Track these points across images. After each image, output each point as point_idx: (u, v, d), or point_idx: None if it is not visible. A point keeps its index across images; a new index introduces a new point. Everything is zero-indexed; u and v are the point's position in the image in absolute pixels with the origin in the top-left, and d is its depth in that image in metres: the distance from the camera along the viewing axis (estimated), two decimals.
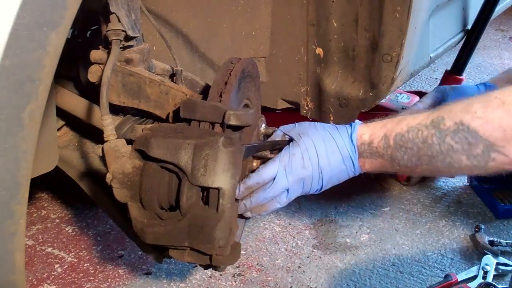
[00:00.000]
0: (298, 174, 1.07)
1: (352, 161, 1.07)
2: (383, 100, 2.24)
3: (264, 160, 1.12)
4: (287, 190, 1.09)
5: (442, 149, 0.98)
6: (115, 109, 1.29)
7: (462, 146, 0.96)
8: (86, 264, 1.95)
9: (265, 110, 1.52)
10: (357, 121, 1.11)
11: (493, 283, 1.78)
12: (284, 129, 1.15)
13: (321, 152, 1.07)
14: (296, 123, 1.14)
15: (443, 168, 1.00)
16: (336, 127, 1.11)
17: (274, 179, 1.08)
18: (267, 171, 1.08)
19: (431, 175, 1.05)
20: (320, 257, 1.99)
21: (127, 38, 1.17)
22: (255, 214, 1.14)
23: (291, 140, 1.12)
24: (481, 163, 0.96)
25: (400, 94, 2.49)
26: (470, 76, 3.43)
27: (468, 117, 0.95)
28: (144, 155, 1.04)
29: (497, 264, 1.86)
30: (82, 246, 2.05)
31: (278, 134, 1.17)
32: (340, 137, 1.08)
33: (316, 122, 1.13)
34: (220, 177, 0.98)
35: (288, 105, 1.81)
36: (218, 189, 0.98)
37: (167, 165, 1.02)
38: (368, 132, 1.08)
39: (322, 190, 1.12)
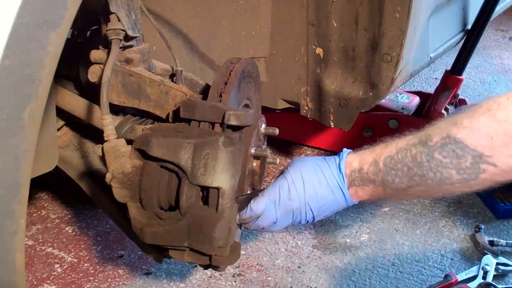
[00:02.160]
0: (285, 206, 1.08)
1: (342, 191, 1.06)
2: (383, 100, 2.24)
3: (254, 195, 1.14)
4: (276, 221, 1.11)
5: (432, 166, 0.96)
6: (115, 109, 1.29)
7: (450, 160, 0.94)
8: (86, 264, 1.95)
9: (265, 110, 1.52)
10: (345, 149, 1.11)
11: (493, 283, 1.78)
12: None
13: (308, 184, 1.06)
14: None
15: (436, 187, 0.98)
16: (325, 158, 1.10)
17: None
18: (257, 207, 1.10)
19: (427, 196, 1.03)
20: (320, 257, 1.99)
21: (127, 38, 1.17)
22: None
23: (281, 173, 1.13)
24: (471, 176, 0.93)
25: (400, 94, 2.49)
26: (470, 76, 3.43)
27: (454, 129, 0.94)
28: (144, 155, 1.04)
29: (497, 264, 1.86)
30: (82, 246, 2.05)
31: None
32: (328, 167, 1.07)
33: (308, 157, 1.14)
34: (220, 177, 0.98)
35: (288, 105, 1.81)
36: (218, 188, 0.98)
37: (167, 165, 1.02)
38: (357, 159, 1.07)
39: (315, 220, 1.11)
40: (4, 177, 0.77)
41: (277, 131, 1.23)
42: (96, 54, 1.22)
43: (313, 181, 1.06)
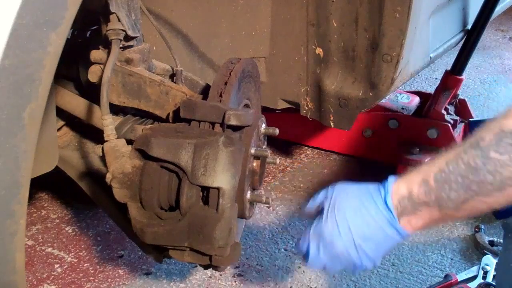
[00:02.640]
0: (331, 252, 1.00)
1: (393, 226, 0.96)
2: (383, 100, 2.24)
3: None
4: (325, 266, 1.03)
5: (489, 168, 0.86)
6: (115, 109, 1.29)
7: (509, 156, 0.85)
8: (86, 264, 1.95)
9: (265, 110, 1.52)
10: (390, 178, 0.99)
11: (493, 283, 1.78)
12: (318, 199, 1.07)
13: (354, 226, 0.97)
14: (330, 188, 1.05)
15: (498, 192, 0.87)
16: (369, 191, 0.99)
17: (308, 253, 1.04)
18: (301, 245, 1.05)
19: (490, 207, 0.92)
20: None
21: (127, 38, 1.17)
22: None
23: (323, 209, 1.04)
24: None
25: (400, 94, 2.49)
26: (470, 76, 3.43)
27: (507, 121, 0.86)
28: (144, 155, 1.04)
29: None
30: (82, 246, 2.05)
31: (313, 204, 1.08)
32: (373, 203, 0.97)
33: (349, 187, 1.03)
34: (220, 177, 0.98)
35: (288, 105, 1.81)
36: (218, 188, 0.98)
37: (167, 165, 1.02)
38: (404, 184, 0.96)
39: (376, 262, 1.01)
40: (4, 177, 0.77)
41: (277, 131, 1.22)
42: (96, 54, 1.22)
43: (359, 222, 0.97)
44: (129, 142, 1.09)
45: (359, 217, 0.97)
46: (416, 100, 2.47)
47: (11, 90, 0.74)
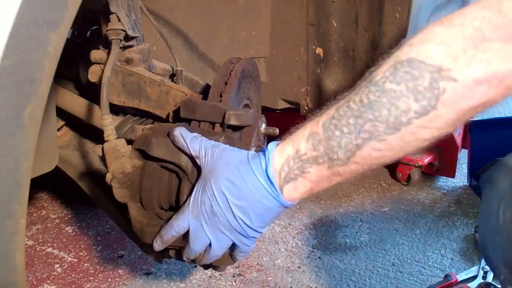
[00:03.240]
0: (213, 224, 0.90)
1: (276, 199, 0.87)
2: None
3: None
4: (211, 242, 0.92)
5: (384, 102, 0.78)
6: (115, 109, 1.29)
7: (406, 86, 0.77)
8: (86, 264, 1.95)
9: (265, 110, 1.52)
10: (271, 143, 0.89)
11: (493, 283, 1.78)
12: (194, 147, 0.95)
13: (232, 197, 0.87)
14: (209, 144, 0.94)
15: (392, 134, 0.79)
16: (249, 160, 0.88)
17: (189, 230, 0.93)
18: (178, 223, 0.93)
19: (383, 159, 0.81)
20: (320, 257, 1.98)
21: (127, 38, 1.17)
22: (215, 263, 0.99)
23: (201, 179, 0.93)
24: (431, 102, 0.76)
25: None
26: None
27: (401, 53, 0.80)
28: (144, 155, 1.04)
29: None
30: (82, 246, 2.05)
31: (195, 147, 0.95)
32: (253, 175, 0.87)
33: (228, 152, 0.92)
34: None
35: (288, 105, 1.82)
36: None
37: (168, 165, 1.02)
38: (290, 143, 0.86)
39: (262, 231, 0.92)
40: (4, 177, 0.77)
41: (277, 131, 1.22)
42: (96, 54, 1.22)
43: (238, 195, 0.87)
44: (129, 142, 1.09)
45: (237, 190, 0.87)
46: None
47: (11, 90, 0.74)
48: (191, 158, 0.96)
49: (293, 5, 1.61)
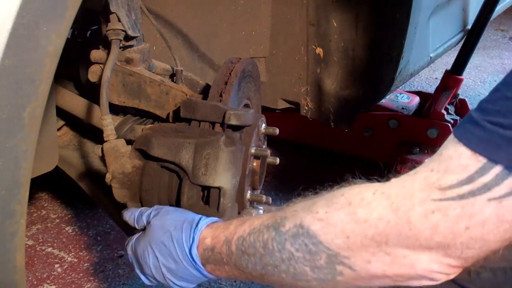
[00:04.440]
0: (142, 272, 0.99)
1: (199, 271, 0.92)
2: (383, 100, 2.24)
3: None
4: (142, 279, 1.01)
5: (283, 258, 0.80)
6: (115, 109, 1.29)
7: (303, 255, 0.78)
8: (86, 264, 1.94)
9: (265, 110, 1.52)
10: (202, 220, 0.94)
11: None
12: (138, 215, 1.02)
13: (162, 260, 0.94)
14: (153, 210, 1.01)
15: (292, 283, 0.82)
16: (181, 232, 0.93)
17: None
18: (126, 251, 1.03)
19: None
20: None
21: (127, 37, 1.17)
22: None
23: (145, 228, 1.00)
24: (328, 277, 0.78)
25: (400, 94, 2.49)
26: (470, 76, 3.43)
27: (309, 217, 0.79)
28: (144, 155, 1.04)
29: None
30: (82, 246, 2.05)
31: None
32: (182, 247, 0.92)
33: (168, 217, 0.97)
34: (221, 177, 0.98)
35: (288, 105, 1.81)
36: (219, 188, 0.98)
37: (168, 165, 1.02)
38: (210, 236, 0.91)
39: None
40: (4, 177, 0.77)
41: (277, 131, 1.22)
42: (96, 54, 1.22)
43: (168, 258, 0.93)
44: (129, 142, 1.09)
45: (168, 254, 0.93)
46: (416, 100, 2.47)
47: (11, 90, 0.74)
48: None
49: (293, 5, 1.61)
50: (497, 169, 0.66)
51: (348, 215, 0.75)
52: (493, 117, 0.67)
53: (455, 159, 0.70)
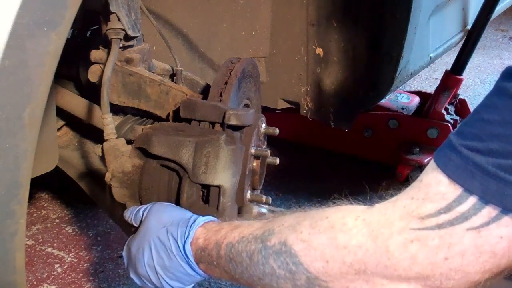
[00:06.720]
0: (135, 271, 0.98)
1: (193, 269, 0.92)
2: (383, 100, 2.24)
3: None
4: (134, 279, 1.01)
5: (266, 272, 0.81)
6: (115, 109, 1.29)
7: (284, 273, 0.79)
8: (86, 264, 1.95)
9: (265, 110, 1.52)
10: (198, 219, 0.94)
11: None
12: (134, 213, 1.02)
13: (156, 257, 0.94)
14: (149, 207, 1.01)
15: None
16: (176, 229, 0.93)
17: None
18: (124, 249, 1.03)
19: None
20: None
21: (127, 37, 1.17)
22: None
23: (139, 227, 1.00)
24: None
25: (400, 94, 2.49)
26: (470, 76, 3.43)
27: (293, 236, 0.79)
28: (145, 154, 1.04)
29: None
30: (82, 246, 2.05)
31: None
32: (176, 244, 0.93)
33: (163, 214, 0.98)
34: (221, 175, 0.98)
35: (288, 105, 1.81)
36: (219, 187, 0.98)
37: (168, 163, 1.02)
38: (202, 237, 0.91)
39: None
40: (4, 177, 0.77)
41: (277, 131, 1.22)
42: (96, 54, 1.22)
43: (162, 254, 0.93)
44: (129, 142, 1.09)
45: (162, 249, 0.93)
46: (416, 100, 2.47)
47: (11, 90, 0.74)
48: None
49: (293, 5, 1.61)
50: (474, 198, 0.65)
51: (329, 239, 0.75)
52: (469, 142, 0.66)
53: (433, 186, 0.68)
